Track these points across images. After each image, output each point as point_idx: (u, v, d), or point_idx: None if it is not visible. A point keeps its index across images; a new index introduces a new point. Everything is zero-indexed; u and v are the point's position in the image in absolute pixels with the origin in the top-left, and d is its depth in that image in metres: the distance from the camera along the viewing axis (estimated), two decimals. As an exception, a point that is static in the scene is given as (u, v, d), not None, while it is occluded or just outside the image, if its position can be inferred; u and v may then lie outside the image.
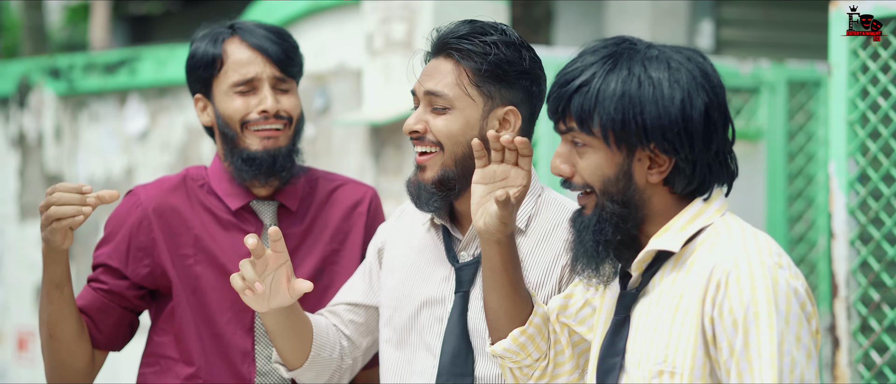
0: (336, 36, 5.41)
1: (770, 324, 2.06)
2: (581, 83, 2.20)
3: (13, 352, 6.97)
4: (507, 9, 5.09)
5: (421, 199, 2.58)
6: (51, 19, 14.87)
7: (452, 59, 2.55)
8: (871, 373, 3.23)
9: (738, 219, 2.25)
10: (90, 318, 2.94)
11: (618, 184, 2.21)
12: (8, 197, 7.08)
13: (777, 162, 5.32)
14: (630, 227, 2.23)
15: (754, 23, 8.06)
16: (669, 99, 2.16)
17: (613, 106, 2.17)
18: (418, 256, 2.68)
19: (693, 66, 2.20)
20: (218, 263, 2.92)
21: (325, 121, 5.41)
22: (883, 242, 3.24)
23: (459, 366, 2.55)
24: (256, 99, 2.91)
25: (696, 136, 2.17)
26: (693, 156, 2.19)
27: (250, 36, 2.93)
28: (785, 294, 2.09)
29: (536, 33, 7.71)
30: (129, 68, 6.44)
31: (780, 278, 2.10)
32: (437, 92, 2.54)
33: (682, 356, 2.15)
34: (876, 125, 3.24)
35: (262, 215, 2.96)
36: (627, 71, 2.18)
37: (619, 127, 2.17)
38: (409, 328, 2.65)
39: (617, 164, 2.21)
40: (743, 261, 2.11)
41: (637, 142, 2.18)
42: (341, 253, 2.99)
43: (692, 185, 2.22)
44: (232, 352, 2.91)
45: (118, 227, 2.97)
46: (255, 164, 2.89)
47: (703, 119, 2.17)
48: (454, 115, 2.54)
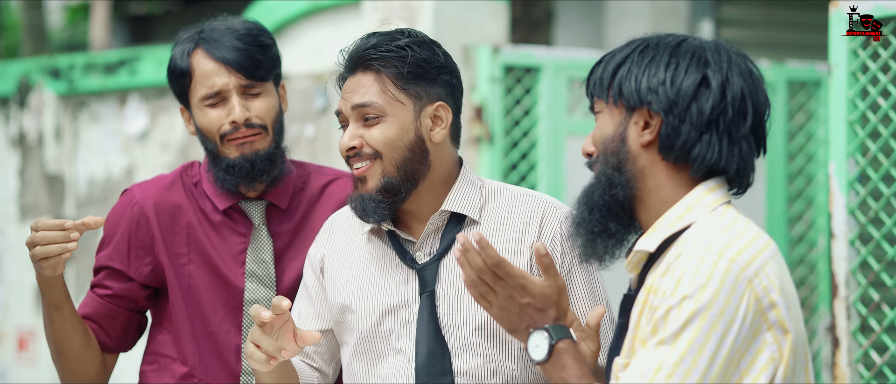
0: (336, 36, 5.41)
1: (693, 311, 2.05)
2: (602, 58, 2.30)
3: (13, 352, 6.97)
4: (507, 9, 5.09)
5: (368, 211, 2.59)
6: (51, 19, 14.87)
7: (372, 70, 2.58)
8: (871, 373, 3.23)
9: (732, 213, 2.21)
10: (98, 325, 2.96)
11: (613, 143, 2.23)
12: (8, 197, 7.07)
13: (777, 162, 5.32)
14: (616, 194, 2.23)
15: (754, 23, 8.05)
16: (659, 59, 2.21)
17: (615, 64, 2.24)
18: (366, 267, 2.66)
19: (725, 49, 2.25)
20: (210, 263, 2.93)
21: (325, 121, 5.41)
22: (883, 242, 3.24)
23: (437, 365, 2.55)
24: (227, 109, 2.90)
25: (682, 97, 2.19)
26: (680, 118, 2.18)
27: (212, 47, 2.91)
28: (720, 281, 2.06)
29: (536, 33, 7.70)
30: (130, 68, 6.44)
31: (720, 264, 2.07)
32: (366, 103, 2.57)
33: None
34: (876, 125, 3.24)
35: (250, 215, 2.96)
36: (642, 43, 2.26)
37: (617, 82, 2.23)
38: (373, 337, 2.63)
39: (615, 123, 2.24)
40: (687, 253, 2.10)
41: (631, 96, 2.21)
42: None
43: (680, 153, 2.20)
44: (225, 351, 2.92)
45: (115, 228, 2.97)
46: (234, 171, 2.89)
47: (696, 85, 2.19)
48: (388, 122, 2.57)
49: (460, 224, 2.61)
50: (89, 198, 6.65)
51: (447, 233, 2.61)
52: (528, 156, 4.89)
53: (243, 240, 2.94)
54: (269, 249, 2.94)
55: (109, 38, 13.01)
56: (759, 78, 2.26)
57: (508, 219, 2.61)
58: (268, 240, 2.95)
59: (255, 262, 2.93)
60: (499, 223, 2.61)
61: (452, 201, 2.61)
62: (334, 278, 2.70)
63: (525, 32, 7.52)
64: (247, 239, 2.95)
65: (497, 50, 4.80)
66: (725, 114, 2.20)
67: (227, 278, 2.92)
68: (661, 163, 2.22)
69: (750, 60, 2.27)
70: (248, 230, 2.95)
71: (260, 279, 2.93)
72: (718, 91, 2.20)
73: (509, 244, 2.60)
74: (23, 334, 6.90)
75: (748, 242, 2.13)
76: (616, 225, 2.25)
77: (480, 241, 2.28)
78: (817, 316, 5.29)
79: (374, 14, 5.06)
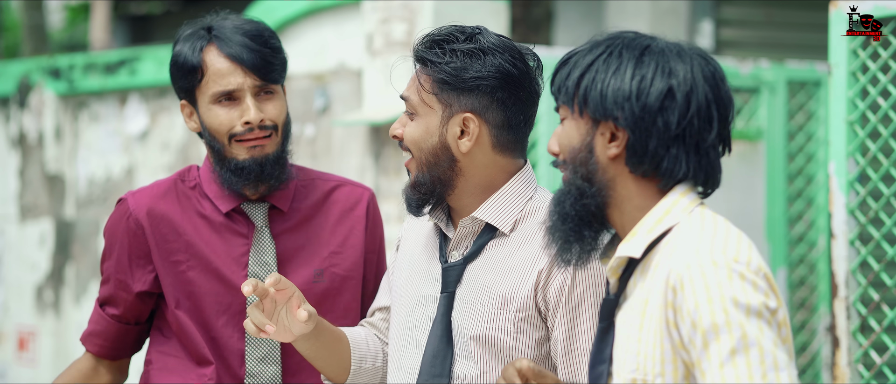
0: (336, 36, 5.41)
1: (728, 322, 2.05)
2: (566, 59, 2.29)
3: (13, 352, 6.97)
4: (507, 9, 5.09)
5: (408, 202, 2.63)
6: (51, 19, 14.87)
7: (419, 66, 2.61)
8: (871, 372, 3.23)
9: (708, 213, 2.22)
10: (110, 342, 3.00)
11: (580, 154, 2.25)
12: (8, 197, 7.08)
13: (777, 162, 5.32)
14: (588, 203, 2.24)
15: (754, 23, 8.06)
16: (624, 70, 2.21)
17: (580, 72, 2.24)
18: (422, 253, 2.70)
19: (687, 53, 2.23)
20: (211, 268, 2.91)
21: (325, 121, 5.41)
22: (883, 242, 3.24)
23: (438, 365, 2.57)
24: (239, 110, 2.87)
25: (648, 112, 2.18)
26: (647, 133, 2.19)
27: (227, 45, 2.87)
28: (741, 288, 2.07)
29: (536, 33, 7.71)
30: (130, 68, 6.44)
31: (733, 273, 2.08)
32: (405, 97, 2.61)
33: (651, 362, 2.15)
34: (876, 125, 3.24)
35: (253, 217, 2.94)
36: (607, 48, 2.24)
37: (582, 92, 2.23)
38: (405, 324, 2.67)
39: (581, 133, 2.25)
40: (694, 262, 2.10)
41: (597, 109, 2.21)
42: (342, 255, 2.97)
43: (649, 166, 2.21)
44: (228, 355, 2.90)
45: (113, 239, 2.96)
46: (243, 173, 2.87)
47: (662, 98, 2.18)
48: (418, 122, 2.59)
49: (493, 232, 2.61)
50: (89, 199, 6.66)
51: (480, 239, 2.61)
52: (528, 156, 4.89)
53: (245, 243, 2.93)
54: (272, 251, 2.93)
55: (109, 38, 13.02)
56: (722, 78, 2.25)
57: (533, 239, 2.58)
58: (270, 243, 2.93)
59: (257, 265, 2.92)
60: (525, 238, 2.59)
61: (484, 210, 2.60)
62: (401, 259, 2.75)
63: (525, 32, 7.53)
64: (248, 241, 2.93)
65: (497, 50, 4.79)
66: (692, 125, 2.20)
67: (230, 281, 2.91)
68: (630, 175, 2.23)
69: (713, 61, 2.26)
70: (250, 232, 2.94)
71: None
72: (684, 103, 2.19)
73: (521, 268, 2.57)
74: (23, 334, 6.90)
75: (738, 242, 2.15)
76: (589, 231, 2.27)
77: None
78: (817, 316, 5.29)
79: (374, 14, 5.06)
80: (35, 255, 6.89)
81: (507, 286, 2.55)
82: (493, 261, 2.58)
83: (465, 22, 2.69)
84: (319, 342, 2.67)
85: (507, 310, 2.54)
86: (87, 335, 3.03)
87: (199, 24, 2.95)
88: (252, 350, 2.90)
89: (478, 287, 2.57)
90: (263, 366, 2.89)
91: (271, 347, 2.91)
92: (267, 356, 2.90)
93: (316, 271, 2.95)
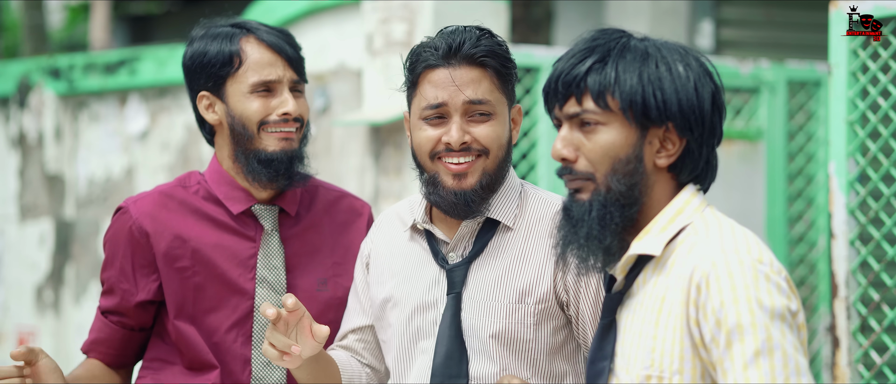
0: (336, 36, 5.41)
1: (754, 323, 2.05)
2: (595, 61, 2.20)
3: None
4: (507, 9, 5.09)
5: (469, 207, 2.56)
6: (51, 19, 14.86)
7: (480, 66, 2.55)
8: (871, 373, 3.23)
9: (718, 214, 2.23)
10: (116, 350, 2.96)
11: (628, 165, 2.18)
12: (8, 197, 7.07)
13: (777, 162, 5.32)
14: (633, 213, 2.21)
15: (754, 23, 8.05)
16: (685, 78, 2.18)
17: (635, 79, 2.17)
18: (405, 262, 2.67)
19: (693, 56, 2.23)
20: (217, 272, 2.89)
21: (325, 121, 5.41)
22: (883, 242, 3.24)
23: (453, 367, 2.55)
24: (276, 100, 2.87)
25: (706, 119, 2.19)
26: (703, 139, 2.20)
27: (267, 36, 2.89)
28: (766, 290, 2.08)
29: (536, 33, 7.71)
30: (129, 68, 6.44)
31: (759, 275, 2.08)
32: (482, 99, 2.54)
33: (668, 359, 2.14)
34: (876, 125, 3.24)
35: (262, 220, 2.93)
36: (641, 52, 2.20)
37: (640, 100, 2.16)
38: (403, 334, 2.64)
39: (631, 144, 2.18)
40: (721, 261, 2.09)
41: (656, 118, 2.17)
42: (344, 265, 2.96)
43: (694, 171, 2.22)
44: (231, 360, 2.88)
45: (115, 248, 2.93)
46: (272, 165, 2.86)
47: (712, 104, 2.20)
48: (497, 121, 2.57)
49: (494, 228, 2.60)
50: (89, 199, 6.66)
51: (480, 237, 2.60)
52: (528, 156, 4.89)
53: (253, 246, 2.91)
54: (281, 255, 2.92)
55: (109, 38, 13.02)
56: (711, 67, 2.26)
57: (538, 227, 2.59)
58: (279, 247, 2.92)
59: (266, 268, 2.90)
60: (529, 231, 2.60)
61: (494, 208, 2.60)
62: (376, 274, 2.72)
63: (525, 32, 7.53)
64: (256, 244, 2.91)
65: (497, 50, 4.80)
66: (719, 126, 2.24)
67: (237, 285, 2.89)
68: (667, 178, 2.23)
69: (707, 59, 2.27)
70: (257, 235, 2.92)
71: (271, 285, 2.90)
72: (721, 105, 2.23)
73: (536, 262, 2.58)
74: (23, 334, 6.90)
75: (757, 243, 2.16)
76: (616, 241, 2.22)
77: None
78: (817, 316, 5.28)
79: (374, 14, 5.06)
80: (35, 255, 6.89)
81: (525, 280, 2.55)
82: (502, 256, 2.58)
83: (466, 22, 2.69)
84: (319, 364, 2.64)
85: (525, 303, 2.55)
86: (91, 343, 2.98)
87: (221, 22, 2.93)
88: (258, 354, 2.89)
89: (488, 284, 2.56)
90: (269, 371, 2.88)
91: None
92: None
93: (320, 279, 2.94)
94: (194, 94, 2.94)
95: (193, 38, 2.93)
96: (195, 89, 2.94)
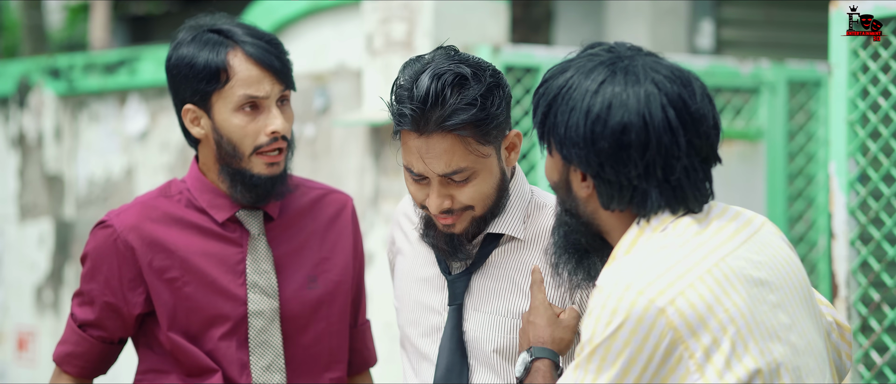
0: (336, 36, 5.41)
1: (597, 344, 2.07)
2: (537, 91, 2.24)
3: (13, 352, 6.97)
4: (507, 9, 5.09)
5: (459, 249, 2.54)
6: (50, 19, 14.86)
7: (451, 134, 2.42)
8: (871, 373, 3.23)
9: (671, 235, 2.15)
10: (92, 364, 2.93)
11: (561, 191, 2.25)
12: (8, 197, 7.07)
13: (777, 162, 5.32)
14: (577, 237, 2.26)
15: (754, 23, 8.06)
16: (578, 111, 2.15)
17: (542, 113, 2.21)
18: (418, 263, 2.66)
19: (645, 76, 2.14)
20: (208, 280, 2.86)
21: (325, 121, 5.41)
22: (883, 242, 3.23)
23: (454, 379, 2.53)
24: (263, 118, 2.81)
25: (605, 157, 2.13)
26: (608, 176, 2.15)
27: (253, 49, 2.80)
28: (625, 314, 2.06)
29: (536, 33, 7.70)
30: (129, 68, 6.44)
31: (624, 298, 2.06)
32: (458, 169, 2.43)
33: None
34: (876, 125, 3.24)
35: (248, 225, 2.90)
36: (566, 82, 2.17)
37: (546, 135, 2.22)
38: (412, 336, 2.64)
39: (559, 170, 2.23)
40: (602, 282, 2.11)
41: (561, 155, 2.19)
42: (332, 261, 2.96)
43: (619, 204, 2.17)
44: (228, 365, 2.86)
45: (99, 262, 2.87)
46: (256, 189, 2.83)
47: (617, 138, 2.11)
48: (480, 177, 2.47)
49: (497, 239, 2.56)
50: (89, 199, 6.65)
51: (484, 248, 2.56)
52: (528, 156, 4.88)
53: (240, 251, 2.89)
54: (270, 259, 2.90)
55: (109, 38, 13.02)
56: (691, 94, 2.14)
57: (545, 238, 2.54)
58: (267, 250, 2.90)
59: (256, 273, 2.88)
60: (535, 242, 2.55)
61: (501, 223, 2.54)
62: (400, 271, 2.70)
63: (525, 32, 7.52)
64: (243, 249, 2.89)
65: (497, 50, 4.80)
66: (654, 158, 2.13)
67: (228, 291, 2.87)
68: (605, 211, 2.21)
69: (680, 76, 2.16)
70: (243, 239, 2.89)
71: (263, 289, 2.88)
72: (641, 138, 2.11)
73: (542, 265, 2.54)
74: (23, 334, 6.90)
75: (666, 269, 2.08)
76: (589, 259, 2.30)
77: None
78: (817, 316, 5.28)
79: (374, 14, 5.06)
80: (34, 255, 6.89)
81: (528, 293, 2.53)
82: (505, 267, 2.55)
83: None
84: None
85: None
86: (66, 356, 2.93)
87: (202, 26, 2.86)
88: (256, 359, 2.87)
89: (491, 296, 2.54)
90: (269, 375, 2.87)
91: (275, 356, 2.89)
92: (272, 365, 2.88)
93: (309, 277, 2.93)
94: (179, 104, 2.87)
95: (179, 42, 2.85)
96: (180, 100, 2.86)
